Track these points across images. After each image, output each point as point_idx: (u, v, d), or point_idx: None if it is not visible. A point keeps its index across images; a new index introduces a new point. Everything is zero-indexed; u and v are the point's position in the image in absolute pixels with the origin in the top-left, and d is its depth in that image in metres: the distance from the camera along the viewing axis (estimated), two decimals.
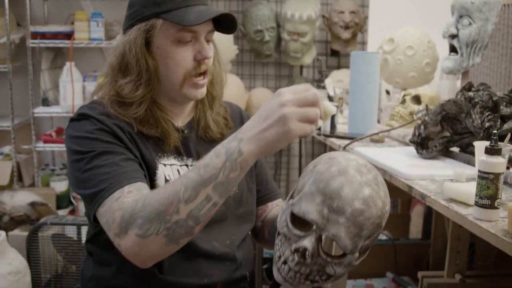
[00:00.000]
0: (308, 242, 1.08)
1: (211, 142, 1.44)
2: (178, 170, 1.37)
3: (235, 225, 1.44)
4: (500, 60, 2.28)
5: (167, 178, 1.34)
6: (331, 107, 1.10)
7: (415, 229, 3.26)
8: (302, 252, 1.09)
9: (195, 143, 1.43)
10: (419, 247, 2.86)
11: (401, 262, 2.73)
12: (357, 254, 1.10)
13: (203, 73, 1.34)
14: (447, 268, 1.60)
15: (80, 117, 1.30)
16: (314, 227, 1.08)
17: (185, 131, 1.42)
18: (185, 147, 1.41)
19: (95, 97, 1.39)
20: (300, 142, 3.68)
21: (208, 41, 1.35)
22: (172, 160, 1.37)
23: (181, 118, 1.43)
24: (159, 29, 1.28)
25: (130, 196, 1.13)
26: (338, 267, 1.10)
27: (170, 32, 1.29)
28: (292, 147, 3.78)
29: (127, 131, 1.30)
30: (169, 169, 1.36)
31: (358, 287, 2.71)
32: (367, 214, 1.05)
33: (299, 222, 1.12)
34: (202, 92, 1.37)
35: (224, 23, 1.34)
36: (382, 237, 3.03)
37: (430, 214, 2.98)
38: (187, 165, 1.40)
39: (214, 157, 1.07)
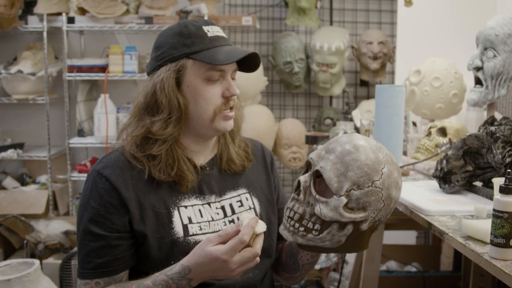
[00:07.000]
0: (302, 176, 1.26)
1: (234, 175, 1.49)
2: (199, 210, 1.40)
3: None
4: None
5: (189, 220, 1.38)
6: (262, 228, 1.25)
7: (447, 261, 3.20)
8: (297, 185, 1.25)
9: (217, 179, 1.47)
10: (449, 280, 2.81)
11: None
12: (344, 200, 1.16)
13: (231, 107, 1.42)
14: None
15: (95, 174, 1.37)
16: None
17: (207, 169, 1.46)
18: (207, 184, 1.45)
19: (119, 140, 1.44)
20: None
21: (232, 79, 1.42)
22: (193, 201, 1.41)
23: (203, 156, 1.47)
24: (189, 69, 1.36)
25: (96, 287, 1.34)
26: (325, 207, 1.18)
27: (201, 71, 1.36)
28: None
29: (133, 186, 1.35)
30: (190, 210, 1.39)
31: None
32: (354, 156, 1.18)
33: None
34: (231, 124, 1.43)
35: (246, 63, 1.42)
36: (411, 269, 2.99)
37: None
38: (209, 203, 1.42)
39: None
